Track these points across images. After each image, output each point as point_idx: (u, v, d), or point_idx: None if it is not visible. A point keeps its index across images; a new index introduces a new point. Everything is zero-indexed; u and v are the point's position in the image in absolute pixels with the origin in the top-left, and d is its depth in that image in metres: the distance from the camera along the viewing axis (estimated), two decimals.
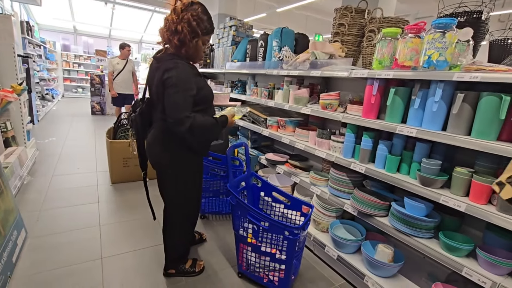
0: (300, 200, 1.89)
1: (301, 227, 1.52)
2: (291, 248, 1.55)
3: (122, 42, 5.36)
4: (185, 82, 1.32)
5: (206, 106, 1.50)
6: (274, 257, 1.62)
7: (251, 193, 2.08)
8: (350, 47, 2.14)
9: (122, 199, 2.75)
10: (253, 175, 2.08)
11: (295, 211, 1.90)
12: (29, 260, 1.79)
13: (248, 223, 1.65)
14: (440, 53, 1.35)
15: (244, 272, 1.78)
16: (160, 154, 1.50)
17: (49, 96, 7.75)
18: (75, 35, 11.23)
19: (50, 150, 4.07)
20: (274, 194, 1.98)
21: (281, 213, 1.96)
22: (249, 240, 1.67)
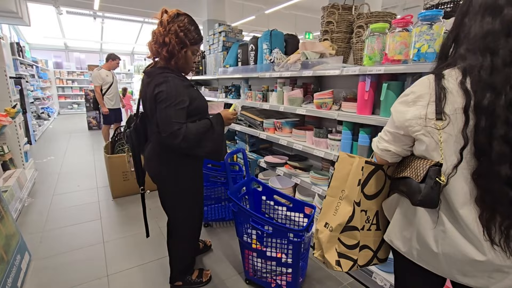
0: (301, 202, 1.89)
1: (304, 229, 1.52)
2: (296, 250, 1.54)
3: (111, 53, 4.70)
4: (176, 96, 1.31)
5: (200, 116, 1.47)
6: (280, 261, 1.62)
7: (253, 198, 2.07)
8: (340, 44, 2.14)
9: (124, 213, 2.74)
10: (253, 180, 2.07)
11: (298, 213, 1.90)
12: (35, 284, 1.78)
13: (252, 229, 1.64)
14: (429, 45, 1.35)
15: (252, 279, 1.77)
16: (158, 167, 1.51)
17: (45, 115, 7.74)
18: (66, 51, 11.25)
19: (49, 169, 4.07)
20: (276, 197, 1.98)
21: (284, 216, 1.95)
22: (254, 246, 1.66)
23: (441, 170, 0.75)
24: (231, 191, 1.76)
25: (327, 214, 1.01)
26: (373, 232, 1.04)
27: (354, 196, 0.96)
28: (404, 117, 0.81)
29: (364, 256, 1.04)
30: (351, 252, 0.99)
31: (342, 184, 0.99)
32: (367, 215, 1.01)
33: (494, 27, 0.68)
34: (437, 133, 0.75)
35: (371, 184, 0.99)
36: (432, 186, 0.75)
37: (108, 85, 4.55)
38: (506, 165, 0.66)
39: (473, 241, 0.74)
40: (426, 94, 0.77)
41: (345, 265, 0.99)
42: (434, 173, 0.75)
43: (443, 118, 0.73)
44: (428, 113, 0.76)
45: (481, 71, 0.68)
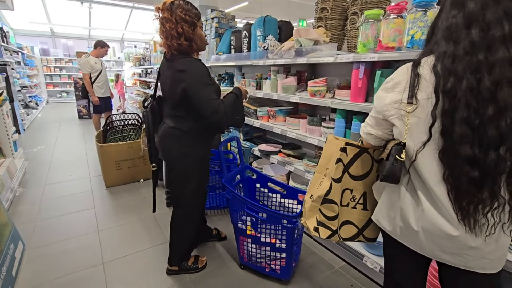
0: (295, 189, 1.92)
1: (298, 214, 1.55)
2: (290, 236, 1.58)
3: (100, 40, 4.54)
4: (203, 77, 1.44)
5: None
6: (274, 247, 1.65)
7: (247, 185, 2.09)
8: (334, 31, 2.13)
9: (118, 202, 2.73)
10: (247, 168, 2.08)
11: (291, 200, 1.93)
12: (30, 272, 1.78)
13: (246, 215, 1.66)
14: (423, 32, 1.35)
15: (246, 264, 1.81)
16: (169, 147, 1.58)
17: (33, 104, 7.55)
18: (53, 38, 10.85)
19: (40, 159, 4.00)
20: (270, 184, 2.00)
21: (278, 203, 1.98)
22: (249, 232, 1.69)
23: (406, 149, 0.83)
24: (225, 179, 1.77)
25: (313, 188, 1.13)
26: (358, 211, 1.13)
27: (332, 173, 1.06)
28: (383, 102, 0.88)
29: (347, 231, 1.14)
30: (330, 223, 1.10)
31: (327, 163, 1.10)
32: (352, 194, 1.11)
33: (457, 20, 0.73)
34: (406, 116, 0.81)
35: (357, 165, 1.08)
36: (393, 163, 0.84)
37: (97, 72, 4.38)
38: (467, 145, 0.71)
39: (447, 217, 0.79)
40: (403, 81, 0.83)
41: (323, 233, 1.10)
42: (395, 151, 0.84)
43: (413, 102, 0.79)
44: (403, 98, 0.82)
45: (446, 58, 0.74)
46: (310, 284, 1.71)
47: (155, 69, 5.81)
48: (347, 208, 1.12)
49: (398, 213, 0.91)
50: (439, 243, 0.83)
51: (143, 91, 7.11)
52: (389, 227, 0.96)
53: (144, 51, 6.92)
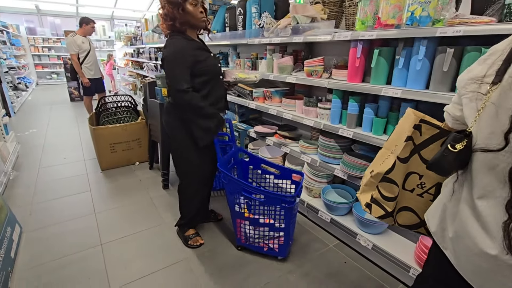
0: (289, 169, 1.92)
1: (296, 194, 1.57)
2: (289, 215, 1.61)
3: (83, 17, 4.25)
4: (179, 56, 1.48)
5: (209, 77, 1.61)
6: (273, 227, 1.68)
7: (241, 168, 2.08)
8: (332, 8, 2.05)
9: (114, 185, 2.73)
10: (240, 151, 2.06)
11: (285, 180, 1.94)
12: (29, 254, 1.80)
13: (244, 198, 1.68)
14: (423, 8, 1.31)
15: (244, 245, 1.84)
16: (168, 120, 1.71)
17: (22, 86, 7.34)
18: (39, 16, 10.36)
19: (33, 142, 3.94)
20: (263, 166, 2.00)
21: (273, 184, 1.99)
22: (246, 215, 1.71)
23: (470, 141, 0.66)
24: (220, 162, 1.76)
25: (376, 163, 1.05)
26: (425, 201, 0.97)
27: (398, 151, 0.93)
28: (467, 75, 0.70)
29: (407, 218, 1.01)
30: (386, 204, 1.00)
31: (397, 139, 0.96)
32: (421, 180, 0.95)
33: None
34: (483, 99, 0.63)
35: (433, 149, 0.89)
36: (443, 152, 0.69)
37: (85, 53, 4.16)
38: None
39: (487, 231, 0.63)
40: (499, 51, 0.64)
41: (376, 211, 1.02)
42: (450, 139, 0.68)
43: (497, 81, 0.60)
44: (488, 73, 0.63)
45: None
46: (305, 260, 1.77)
47: (147, 48, 5.62)
48: (411, 193, 0.97)
49: (441, 210, 0.78)
50: (471, 259, 0.67)
51: (135, 72, 6.92)
52: (433, 228, 0.82)
53: (136, 29, 6.65)
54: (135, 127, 3.09)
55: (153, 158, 3.08)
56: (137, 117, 3.37)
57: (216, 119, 1.60)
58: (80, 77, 4.21)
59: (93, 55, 4.29)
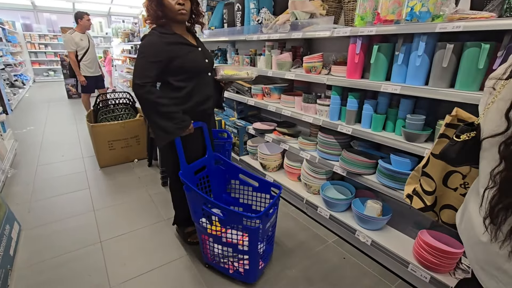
0: (268, 182, 1.68)
1: (259, 216, 1.34)
2: (253, 238, 1.40)
3: (77, 11, 4.12)
4: (146, 50, 1.42)
5: (191, 74, 1.51)
6: (236, 248, 1.48)
7: (217, 177, 1.84)
8: (331, 4, 2.03)
9: (112, 182, 2.73)
10: (215, 157, 1.83)
11: (264, 194, 1.71)
12: (28, 252, 1.80)
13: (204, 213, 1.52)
14: (423, 4, 1.30)
15: (210, 263, 1.66)
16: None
17: (19, 83, 7.28)
18: (35, 12, 10.24)
19: (30, 139, 3.92)
20: (241, 176, 1.76)
21: (251, 197, 1.77)
22: (209, 231, 1.50)
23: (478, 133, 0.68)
24: (183, 170, 1.55)
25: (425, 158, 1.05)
26: None
27: (432, 147, 0.97)
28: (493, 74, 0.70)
29: (451, 217, 1.02)
30: (425, 197, 1.05)
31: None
32: (464, 180, 0.96)
33: None
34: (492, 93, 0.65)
35: None
36: (450, 142, 0.74)
37: (84, 50, 4.06)
38: None
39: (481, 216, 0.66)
40: None
41: (416, 203, 1.07)
42: (457, 130, 0.72)
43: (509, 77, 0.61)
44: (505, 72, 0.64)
45: None
46: (304, 256, 1.77)
47: None
48: (454, 192, 0.98)
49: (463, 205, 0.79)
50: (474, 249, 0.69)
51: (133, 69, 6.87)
52: (457, 221, 0.81)
53: (133, 26, 6.60)
54: (133, 124, 3.08)
55: (151, 155, 3.07)
56: (135, 114, 3.36)
57: (176, 120, 1.46)
58: (77, 76, 4.11)
59: (92, 52, 4.18)
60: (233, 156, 2.94)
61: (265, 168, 2.56)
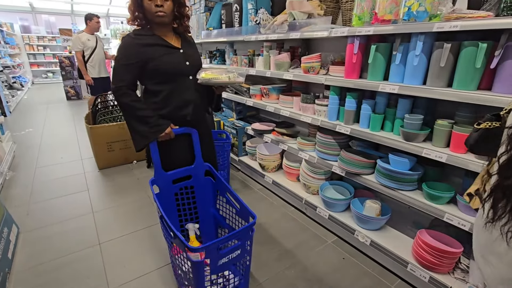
0: (247, 209, 1.36)
1: (209, 244, 1.09)
2: (196, 274, 1.17)
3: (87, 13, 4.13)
4: (121, 53, 1.40)
5: (165, 78, 1.44)
6: (186, 276, 1.29)
7: (204, 190, 1.66)
8: (328, 4, 2.04)
9: (111, 184, 2.72)
10: (205, 168, 1.64)
11: (243, 220, 1.45)
12: (26, 254, 1.79)
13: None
14: (420, 3, 1.30)
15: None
16: None
17: (18, 85, 7.27)
18: (33, 14, 10.23)
19: (29, 141, 3.91)
20: (228, 194, 1.53)
21: (234, 220, 1.54)
22: (173, 252, 1.35)
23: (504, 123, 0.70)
24: (156, 177, 1.44)
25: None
26: None
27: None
28: None
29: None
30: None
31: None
32: None
33: None
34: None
35: None
36: (473, 129, 0.78)
37: (90, 50, 4.02)
38: None
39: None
40: None
41: (475, 203, 1.05)
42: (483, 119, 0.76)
43: None
44: None
45: None
46: (304, 257, 1.77)
47: None
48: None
49: None
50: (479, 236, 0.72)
51: None
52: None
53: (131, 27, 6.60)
54: None
55: (150, 156, 3.06)
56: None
57: (151, 124, 1.41)
58: (84, 76, 4.07)
59: (99, 53, 4.13)
60: (232, 157, 2.93)
61: (264, 168, 2.56)
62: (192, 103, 1.51)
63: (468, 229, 1.28)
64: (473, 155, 1.28)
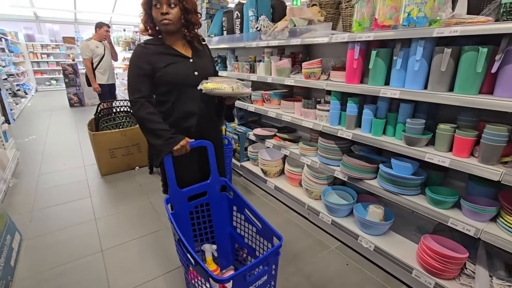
0: (271, 229, 1.27)
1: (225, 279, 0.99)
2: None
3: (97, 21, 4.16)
4: (133, 64, 1.38)
5: (170, 87, 1.40)
6: None
7: (220, 206, 1.55)
8: (329, 10, 2.06)
9: (114, 190, 2.73)
10: (222, 183, 1.53)
11: (266, 241, 1.34)
12: (29, 262, 1.79)
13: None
14: (420, 9, 1.31)
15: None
16: None
17: (21, 92, 7.35)
18: (37, 22, 10.40)
19: (32, 148, 3.94)
20: (247, 212, 1.44)
21: (255, 239, 1.43)
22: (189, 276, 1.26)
23: None
24: (171, 195, 1.34)
25: None
26: None
27: None
28: None
29: None
30: None
31: None
32: None
33: None
34: None
35: None
36: None
37: (99, 57, 4.05)
38: None
39: None
40: None
41: None
42: None
43: None
44: None
45: None
46: (307, 263, 1.75)
47: None
48: None
49: None
50: None
51: None
52: None
53: (134, 34, 6.68)
54: (134, 132, 3.09)
55: (152, 162, 3.07)
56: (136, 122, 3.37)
57: (163, 138, 1.33)
58: (91, 83, 4.09)
59: (107, 60, 4.17)
60: (234, 162, 2.93)
61: (266, 174, 2.55)
62: (197, 114, 1.46)
63: (473, 234, 1.27)
64: (476, 159, 1.28)
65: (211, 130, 1.60)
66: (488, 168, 1.19)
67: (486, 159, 1.22)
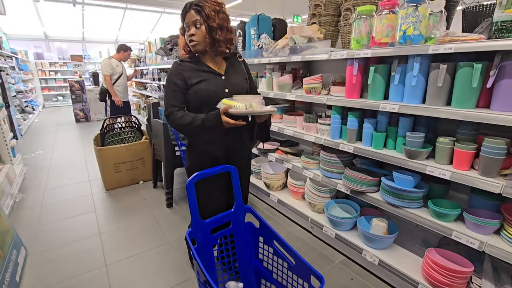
0: (308, 266, 1.12)
1: None
2: None
3: (123, 44, 4.47)
4: (168, 80, 1.42)
5: (199, 103, 1.40)
6: None
7: (245, 237, 1.42)
8: (328, 28, 2.13)
9: (118, 205, 2.75)
10: (246, 211, 1.42)
11: (301, 279, 1.19)
12: (34, 277, 1.80)
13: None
14: (415, 27, 1.37)
15: None
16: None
17: (29, 108, 7.51)
18: (46, 41, 10.77)
19: (39, 164, 4.00)
20: (276, 243, 1.30)
21: (285, 275, 1.29)
22: None
23: None
24: (194, 228, 1.22)
25: None
26: None
27: None
28: None
29: None
30: None
31: None
32: None
33: None
34: None
35: None
36: None
37: (117, 75, 4.31)
38: None
39: None
40: None
41: None
42: None
43: None
44: None
45: None
46: None
47: (151, 70, 5.79)
48: None
49: None
50: None
51: (139, 92, 7.09)
52: None
53: (139, 52, 6.88)
54: (139, 146, 3.14)
55: (157, 177, 3.10)
56: (141, 137, 3.43)
57: (208, 121, 1.31)
58: (113, 97, 4.28)
59: (124, 78, 4.42)
60: None
61: (269, 187, 2.56)
62: (223, 136, 1.39)
63: (477, 247, 1.26)
64: (477, 172, 1.29)
65: (239, 152, 1.54)
66: (489, 181, 1.20)
67: (486, 172, 1.23)
